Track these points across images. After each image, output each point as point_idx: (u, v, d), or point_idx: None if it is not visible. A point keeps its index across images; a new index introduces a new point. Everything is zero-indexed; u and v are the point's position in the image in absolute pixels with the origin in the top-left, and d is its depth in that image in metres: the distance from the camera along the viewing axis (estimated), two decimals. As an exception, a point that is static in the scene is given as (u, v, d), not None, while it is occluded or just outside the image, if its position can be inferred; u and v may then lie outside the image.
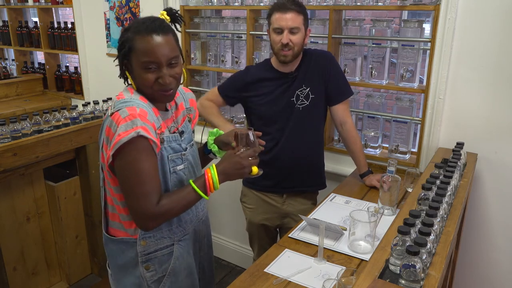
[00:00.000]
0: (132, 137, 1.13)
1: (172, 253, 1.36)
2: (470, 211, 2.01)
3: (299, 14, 1.76)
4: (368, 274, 1.02)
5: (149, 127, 1.18)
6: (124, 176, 1.18)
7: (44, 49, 3.74)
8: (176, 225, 1.36)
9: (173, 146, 1.30)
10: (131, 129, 1.13)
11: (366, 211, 1.52)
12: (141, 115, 1.17)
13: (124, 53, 1.23)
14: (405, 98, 2.18)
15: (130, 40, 1.21)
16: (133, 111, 1.17)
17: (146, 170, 1.17)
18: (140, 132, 1.13)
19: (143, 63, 1.20)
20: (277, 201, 2.02)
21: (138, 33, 1.20)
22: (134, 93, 1.26)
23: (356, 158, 1.97)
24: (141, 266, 1.33)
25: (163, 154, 1.26)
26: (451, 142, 1.93)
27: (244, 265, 2.88)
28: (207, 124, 2.78)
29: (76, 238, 2.54)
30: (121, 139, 1.13)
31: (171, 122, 1.36)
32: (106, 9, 3.16)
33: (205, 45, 2.81)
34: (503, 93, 1.83)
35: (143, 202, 1.17)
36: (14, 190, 2.25)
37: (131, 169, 1.16)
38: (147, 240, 1.31)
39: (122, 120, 1.15)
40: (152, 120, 1.20)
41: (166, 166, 1.28)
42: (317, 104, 1.90)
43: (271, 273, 1.36)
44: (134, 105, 1.19)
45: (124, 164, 1.17)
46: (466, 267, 2.09)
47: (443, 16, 1.86)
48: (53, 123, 2.25)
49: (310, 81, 1.88)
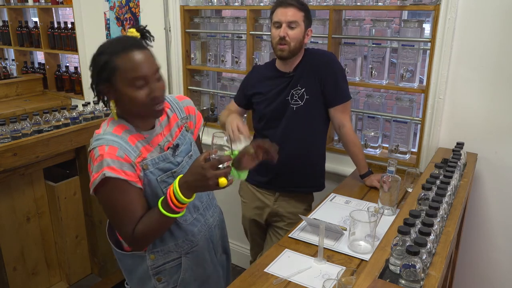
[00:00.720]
0: (101, 179, 1.17)
1: (180, 265, 1.37)
2: (470, 211, 2.01)
3: (299, 11, 1.78)
4: (368, 274, 1.02)
5: (119, 163, 1.18)
6: (103, 208, 1.27)
7: (44, 49, 3.73)
8: (182, 240, 1.35)
9: (161, 167, 1.27)
10: (100, 170, 1.17)
11: (366, 211, 1.52)
12: (109, 153, 1.17)
13: (106, 77, 1.18)
14: (405, 98, 2.18)
15: (111, 62, 1.16)
16: (102, 151, 1.18)
17: (120, 205, 1.21)
18: (106, 174, 1.16)
19: (131, 80, 1.16)
20: (269, 199, 2.01)
21: (116, 53, 1.17)
22: (110, 124, 1.26)
23: (355, 160, 1.97)
24: (153, 278, 1.36)
25: (150, 178, 1.25)
26: (451, 142, 1.93)
27: (244, 265, 2.88)
28: (207, 124, 2.79)
29: (76, 238, 2.54)
30: (94, 180, 1.19)
31: (162, 139, 1.32)
32: (106, 9, 3.16)
33: (205, 45, 2.81)
34: (503, 93, 1.83)
35: (120, 230, 1.26)
36: (14, 190, 2.25)
37: (106, 205, 1.25)
38: (155, 254, 1.34)
39: (95, 161, 1.19)
40: (123, 154, 1.19)
41: (158, 188, 1.26)
42: (314, 106, 1.88)
43: (271, 273, 1.36)
44: (103, 143, 1.19)
45: (100, 200, 1.25)
46: (466, 267, 2.09)
47: (443, 16, 1.86)
48: (53, 123, 2.25)
49: (306, 81, 1.87)
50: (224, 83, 2.82)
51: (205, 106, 2.96)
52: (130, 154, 1.21)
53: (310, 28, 1.86)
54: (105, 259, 2.58)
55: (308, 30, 1.84)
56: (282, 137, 1.89)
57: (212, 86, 2.94)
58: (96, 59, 1.20)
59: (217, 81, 2.94)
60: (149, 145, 1.28)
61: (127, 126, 1.26)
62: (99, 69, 1.19)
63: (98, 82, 1.21)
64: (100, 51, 1.20)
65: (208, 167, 1.12)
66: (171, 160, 1.31)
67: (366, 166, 1.97)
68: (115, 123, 1.26)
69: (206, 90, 2.90)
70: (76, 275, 2.59)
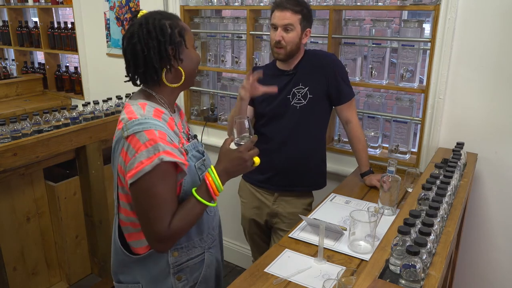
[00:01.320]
0: (156, 164, 1.08)
1: (203, 261, 1.34)
2: (470, 211, 2.01)
3: (295, 13, 1.77)
4: (368, 274, 1.02)
5: (171, 148, 1.12)
6: (139, 200, 1.14)
7: (44, 49, 3.74)
8: (206, 234, 1.33)
9: (195, 154, 1.27)
10: (154, 155, 1.08)
11: (366, 211, 1.52)
12: (161, 138, 1.11)
13: (179, 38, 1.19)
14: (405, 98, 2.18)
15: (178, 25, 1.20)
16: (153, 135, 1.10)
17: (162, 194, 1.12)
18: (164, 159, 1.08)
19: (193, 41, 1.25)
20: (268, 199, 2.01)
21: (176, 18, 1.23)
22: (147, 109, 1.17)
23: (358, 156, 1.98)
24: (173, 277, 1.28)
25: (190, 164, 1.22)
26: (451, 142, 1.93)
27: (244, 265, 2.88)
28: (207, 124, 2.79)
29: (76, 238, 2.54)
30: (144, 167, 1.08)
31: (181, 125, 1.32)
32: (106, 9, 3.16)
33: (205, 45, 2.81)
34: (503, 93, 1.83)
35: (155, 225, 1.12)
36: (14, 190, 2.25)
37: (147, 194, 1.12)
38: (179, 251, 1.27)
39: (142, 146, 1.09)
40: (171, 139, 1.14)
41: (196, 175, 1.24)
42: (317, 104, 1.89)
43: (271, 273, 1.36)
44: (151, 127, 1.12)
45: (141, 188, 1.12)
46: (466, 267, 2.09)
47: (443, 16, 1.86)
48: (53, 123, 2.25)
49: (310, 80, 1.88)
50: (224, 83, 2.82)
51: (205, 106, 2.96)
52: (174, 139, 1.16)
53: (309, 28, 1.86)
54: (105, 259, 2.58)
55: (306, 30, 1.84)
56: (284, 135, 1.90)
57: (212, 86, 2.94)
58: (161, 23, 1.18)
59: (217, 81, 2.94)
60: (181, 132, 1.27)
61: (162, 110, 1.21)
62: (171, 31, 1.18)
63: (170, 44, 1.18)
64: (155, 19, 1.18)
65: (244, 150, 1.20)
66: (199, 149, 1.30)
67: (368, 165, 1.98)
68: (151, 107, 1.19)
69: (206, 90, 2.90)
70: (76, 275, 2.59)
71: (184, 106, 2.87)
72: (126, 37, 1.21)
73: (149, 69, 1.19)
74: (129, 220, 1.25)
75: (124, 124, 1.15)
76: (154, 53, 1.17)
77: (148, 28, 1.17)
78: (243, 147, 1.21)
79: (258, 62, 2.48)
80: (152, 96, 1.23)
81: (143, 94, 1.24)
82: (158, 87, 1.24)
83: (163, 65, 1.19)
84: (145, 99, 1.22)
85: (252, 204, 2.07)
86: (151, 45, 1.16)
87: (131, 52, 1.19)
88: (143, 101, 1.21)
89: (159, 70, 1.19)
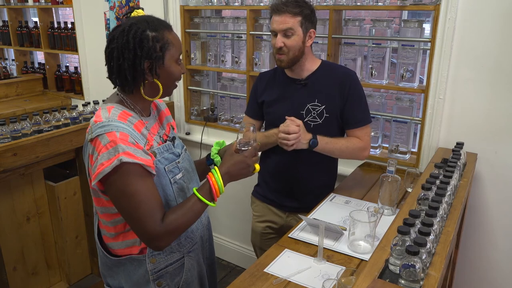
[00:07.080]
0: (115, 166, 1.08)
1: (183, 265, 1.33)
2: (470, 211, 2.01)
3: (295, 16, 1.64)
4: (368, 274, 1.02)
5: (133, 149, 1.11)
6: (119, 204, 1.13)
7: (44, 49, 3.74)
8: (184, 237, 1.32)
9: (166, 157, 1.26)
10: (114, 156, 1.08)
11: (366, 211, 1.52)
12: (122, 139, 1.10)
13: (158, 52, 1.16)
14: (405, 98, 2.18)
15: (163, 37, 1.17)
16: (113, 136, 1.10)
17: (141, 192, 1.11)
18: (123, 159, 1.08)
19: (177, 56, 1.22)
20: (281, 216, 1.95)
21: (166, 29, 1.20)
22: (112, 111, 1.17)
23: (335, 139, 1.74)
24: (153, 283, 1.27)
25: (159, 167, 1.22)
26: (451, 142, 1.93)
27: (244, 265, 2.88)
28: (207, 124, 2.79)
29: (76, 238, 2.54)
30: (104, 169, 1.08)
31: (158, 128, 1.32)
32: (106, 9, 3.16)
33: (205, 45, 2.81)
34: (503, 93, 1.83)
35: (145, 224, 1.11)
36: (14, 190, 2.25)
37: (124, 195, 1.11)
38: (157, 257, 1.26)
39: (103, 148, 1.10)
40: (134, 140, 1.14)
41: (166, 178, 1.24)
42: (332, 124, 1.75)
43: (271, 273, 1.36)
44: (112, 129, 1.11)
45: (115, 192, 1.12)
46: (466, 267, 2.08)
47: (443, 16, 1.86)
48: (53, 123, 2.26)
49: (326, 97, 1.73)
50: (224, 83, 2.82)
51: (205, 106, 2.96)
52: (139, 141, 1.16)
53: (312, 29, 1.71)
54: (105, 259, 2.58)
55: (310, 32, 1.70)
56: (294, 155, 1.74)
57: (212, 86, 2.94)
58: (143, 35, 1.15)
59: (217, 81, 2.94)
60: (150, 133, 1.26)
61: (130, 113, 1.21)
62: (151, 44, 1.16)
63: (146, 58, 1.16)
64: (139, 28, 1.15)
65: (249, 155, 1.23)
66: (173, 151, 1.30)
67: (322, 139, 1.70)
68: (117, 110, 1.19)
69: (206, 90, 2.90)
70: (76, 275, 2.60)
71: (184, 106, 2.88)
72: (108, 37, 1.21)
73: (121, 78, 1.19)
74: (103, 222, 1.27)
75: (90, 127, 1.18)
76: (128, 65, 1.16)
77: (128, 38, 1.15)
78: (248, 153, 1.24)
79: (258, 62, 2.48)
80: (123, 101, 1.24)
81: (116, 99, 1.25)
82: (130, 93, 1.24)
83: (137, 76, 1.18)
84: (115, 103, 1.23)
85: (266, 217, 1.98)
86: (126, 56, 1.15)
87: (108, 55, 1.20)
88: (111, 104, 1.22)
89: (131, 81, 1.19)
